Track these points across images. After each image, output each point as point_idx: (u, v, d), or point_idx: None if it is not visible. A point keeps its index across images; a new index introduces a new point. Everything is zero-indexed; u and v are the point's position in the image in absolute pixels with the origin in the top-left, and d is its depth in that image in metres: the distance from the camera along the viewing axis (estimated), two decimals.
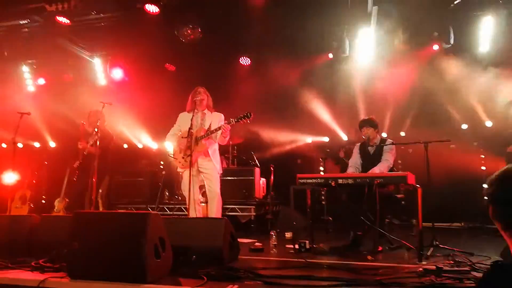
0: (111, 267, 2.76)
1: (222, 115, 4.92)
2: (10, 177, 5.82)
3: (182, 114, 4.98)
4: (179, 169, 4.86)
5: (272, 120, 8.09)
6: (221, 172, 4.88)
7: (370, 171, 4.57)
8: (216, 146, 4.89)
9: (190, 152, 4.50)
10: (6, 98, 8.14)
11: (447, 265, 3.45)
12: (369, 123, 4.94)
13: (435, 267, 3.29)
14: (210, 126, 4.75)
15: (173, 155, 4.91)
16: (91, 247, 2.83)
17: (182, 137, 4.75)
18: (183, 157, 4.65)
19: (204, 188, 4.93)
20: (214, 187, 4.69)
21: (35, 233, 3.80)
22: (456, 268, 3.31)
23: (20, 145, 8.89)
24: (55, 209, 6.11)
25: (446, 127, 7.37)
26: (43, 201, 7.78)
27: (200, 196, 5.26)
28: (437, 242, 4.27)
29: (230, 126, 4.55)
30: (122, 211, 5.53)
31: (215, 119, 4.82)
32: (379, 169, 4.60)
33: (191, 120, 4.60)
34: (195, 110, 4.75)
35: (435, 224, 4.75)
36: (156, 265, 2.81)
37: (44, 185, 8.16)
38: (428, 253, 3.98)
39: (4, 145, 8.73)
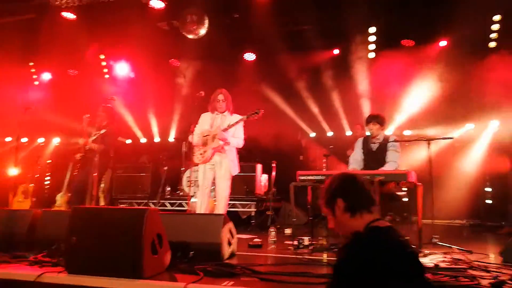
0: (109, 262, 2.78)
1: (241, 117, 4.95)
2: (13, 171, 5.87)
3: (204, 115, 5.07)
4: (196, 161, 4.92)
5: (276, 116, 8.08)
6: (236, 172, 4.89)
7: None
8: (233, 147, 4.91)
9: (207, 148, 4.68)
10: (12, 93, 8.19)
11: (445, 263, 3.45)
12: (376, 119, 4.89)
13: (433, 264, 3.30)
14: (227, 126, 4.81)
15: (193, 151, 4.96)
16: (89, 242, 2.85)
17: (203, 136, 4.84)
18: (200, 153, 4.74)
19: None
20: (223, 187, 4.72)
21: (35, 228, 3.84)
22: (453, 266, 3.31)
23: (24, 139, 9.01)
24: (56, 204, 6.17)
25: (451, 125, 7.32)
26: (46, 195, 7.85)
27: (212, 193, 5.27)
28: (436, 240, 4.24)
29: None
30: (121, 207, 5.57)
31: (233, 121, 4.86)
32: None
33: (211, 122, 4.80)
34: (216, 112, 4.85)
35: (436, 221, 4.74)
36: (153, 261, 2.83)
37: (47, 180, 8.22)
38: (427, 251, 3.96)
39: (8, 139, 8.82)
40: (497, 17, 6.61)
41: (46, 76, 8.90)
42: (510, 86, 6.22)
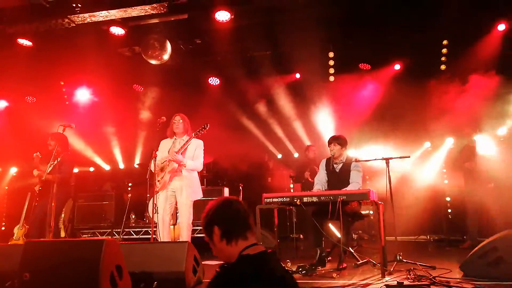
0: None
1: (201, 141, 4.92)
2: None
3: (163, 141, 5.04)
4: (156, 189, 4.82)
5: (242, 139, 8.13)
6: (197, 198, 4.82)
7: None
8: (193, 172, 4.85)
9: (163, 174, 4.66)
10: None
11: (408, 280, 3.52)
12: (337, 140, 5.00)
13: (396, 282, 3.35)
14: (186, 149, 4.76)
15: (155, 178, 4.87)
16: (44, 277, 2.71)
17: (161, 163, 4.79)
18: (158, 180, 4.69)
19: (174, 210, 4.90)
20: (185, 213, 4.65)
21: None
22: (417, 283, 3.38)
23: None
24: (14, 237, 5.84)
25: (411, 144, 7.60)
26: (3, 228, 7.43)
27: (170, 217, 5.16)
28: (400, 257, 4.33)
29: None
30: (79, 238, 5.35)
31: (193, 144, 4.82)
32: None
33: (170, 147, 4.76)
34: (174, 137, 4.86)
35: (401, 238, 4.85)
36: None
37: (4, 211, 7.80)
38: (392, 269, 4.03)
39: None
40: (445, 42, 7.01)
41: (2, 103, 8.56)
42: (458, 106, 6.58)
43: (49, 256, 2.78)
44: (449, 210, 7.41)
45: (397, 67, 7.55)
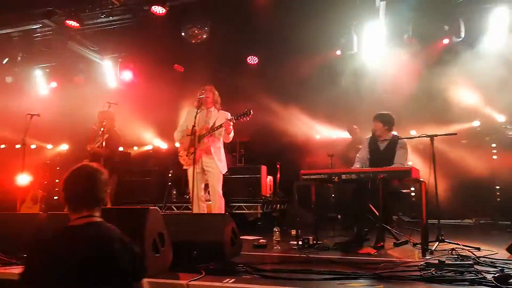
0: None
1: (229, 113, 4.89)
2: (23, 179, 5.95)
3: (189, 111, 5.00)
4: (184, 167, 4.91)
5: (280, 118, 8.10)
6: (226, 170, 4.88)
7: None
8: (220, 144, 4.89)
9: (194, 150, 4.53)
10: (20, 101, 8.33)
11: (450, 259, 3.41)
12: (379, 117, 4.79)
13: (437, 261, 3.25)
14: (214, 124, 4.77)
15: (178, 152, 4.95)
16: None
17: (187, 135, 4.78)
18: (187, 155, 4.68)
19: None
20: (215, 186, 4.71)
21: (41, 231, 3.87)
22: (459, 262, 3.27)
23: (33, 146, 9.14)
24: (65, 209, 6.22)
25: (457, 123, 7.25)
26: (55, 201, 7.93)
27: (207, 194, 5.28)
28: (443, 237, 4.18)
29: (232, 123, 4.56)
30: (123, 207, 5.58)
31: (221, 117, 4.82)
32: None
33: (195, 117, 4.62)
34: (201, 107, 4.77)
35: (444, 221, 4.67)
36: (155, 260, 2.85)
37: (56, 186, 8.32)
38: (433, 248, 3.91)
39: (17, 146, 8.97)
40: None
41: (53, 84, 9.02)
42: None
43: None
44: (498, 193, 7.04)
45: (446, 41, 7.14)
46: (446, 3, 6.46)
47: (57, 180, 8.29)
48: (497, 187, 7.07)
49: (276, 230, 4.47)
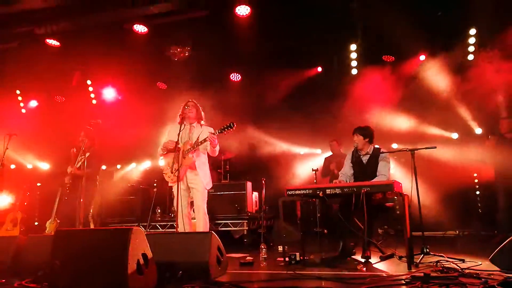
0: (93, 284, 2.73)
1: (212, 128, 4.89)
2: (2, 200, 5.78)
3: (172, 127, 4.99)
4: (169, 184, 4.86)
5: (264, 134, 8.14)
6: (210, 186, 4.85)
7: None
8: (205, 159, 4.86)
9: (178, 167, 4.50)
10: None
11: (436, 272, 3.43)
12: (360, 130, 4.87)
13: (423, 274, 3.27)
14: (197, 139, 4.75)
15: (163, 170, 4.90)
16: (73, 265, 2.81)
17: (170, 151, 4.75)
18: (171, 172, 4.64)
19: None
20: (200, 203, 4.67)
21: (21, 254, 3.77)
22: (444, 274, 3.30)
23: (12, 166, 8.92)
24: (46, 231, 6.05)
25: (437, 137, 7.43)
26: (36, 223, 7.72)
27: (192, 211, 5.22)
28: (428, 250, 4.22)
29: (216, 137, 4.55)
30: (105, 227, 5.48)
31: (204, 132, 4.81)
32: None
33: (178, 134, 4.61)
34: (184, 123, 4.77)
35: (428, 233, 4.72)
36: (139, 282, 2.79)
37: (37, 207, 8.11)
38: (418, 261, 3.94)
39: None
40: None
41: (33, 103, 8.89)
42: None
43: (79, 244, 2.88)
44: (480, 204, 7.18)
45: (422, 57, 7.37)
46: (423, 21, 6.66)
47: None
48: (479, 199, 7.21)
49: (262, 247, 4.44)
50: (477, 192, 7.21)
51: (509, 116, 6.08)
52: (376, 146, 5.01)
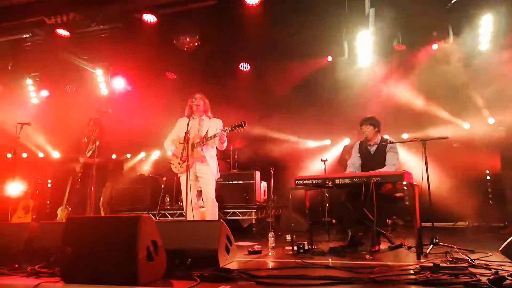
0: (104, 270, 2.78)
1: (221, 120, 4.93)
2: (14, 188, 5.88)
3: (181, 119, 5.03)
4: (178, 175, 4.90)
5: (273, 124, 8.12)
6: (218, 176, 4.88)
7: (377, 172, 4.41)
8: (214, 153, 4.90)
9: (186, 158, 4.53)
10: (11, 110, 8.26)
11: (445, 262, 3.42)
12: (369, 121, 4.88)
13: (432, 264, 3.26)
14: (207, 132, 4.78)
15: (170, 160, 4.94)
16: (84, 251, 2.85)
17: (179, 143, 4.78)
18: (179, 163, 4.68)
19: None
20: (208, 192, 4.71)
21: (33, 240, 3.84)
22: (453, 265, 3.28)
23: (24, 155, 9.05)
24: (58, 218, 6.16)
25: (449, 126, 7.33)
26: (47, 211, 7.85)
27: (201, 201, 5.26)
28: (437, 240, 4.19)
29: (225, 133, 4.57)
30: (116, 215, 5.56)
31: (213, 125, 4.84)
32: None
33: (188, 125, 4.62)
34: (193, 116, 4.79)
35: (438, 223, 4.69)
36: (148, 268, 2.82)
37: (48, 195, 8.23)
38: (427, 251, 3.92)
39: (9, 155, 8.89)
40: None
41: (44, 93, 8.97)
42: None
43: (90, 231, 2.92)
44: (490, 196, 7.10)
45: (435, 46, 7.24)
46: (435, 9, 6.54)
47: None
48: (489, 190, 7.13)
49: (271, 235, 4.46)
50: (488, 184, 7.12)
51: None
52: (386, 136, 4.99)
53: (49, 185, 8.23)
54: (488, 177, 7.15)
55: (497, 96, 6.71)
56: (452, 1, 6.46)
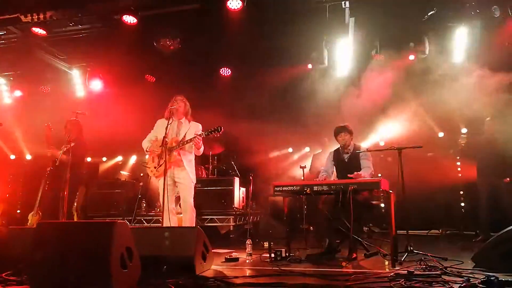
0: (75, 278, 2.68)
1: (200, 125, 4.88)
2: None
3: (160, 121, 4.95)
4: (153, 178, 4.82)
5: (253, 130, 8.11)
6: (195, 182, 4.83)
7: (354, 174, 4.46)
8: (192, 157, 4.84)
9: (163, 162, 4.46)
10: None
11: (419, 269, 3.47)
12: (345, 129, 4.95)
13: (406, 271, 3.31)
14: (184, 136, 4.72)
15: (146, 163, 4.86)
16: (55, 258, 2.75)
17: (158, 146, 4.70)
18: (155, 167, 4.61)
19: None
20: (186, 197, 4.64)
21: (1, 246, 3.69)
22: (427, 272, 3.34)
23: None
24: (29, 223, 5.95)
25: (423, 136, 7.48)
26: (18, 215, 7.57)
27: (178, 206, 5.19)
28: (411, 248, 4.27)
29: (201, 138, 4.53)
30: (89, 221, 5.41)
31: (192, 129, 4.78)
32: (363, 175, 4.54)
33: (166, 129, 4.56)
34: (171, 119, 4.72)
35: (412, 231, 4.77)
36: (122, 276, 2.75)
37: (19, 199, 7.95)
38: (402, 259, 3.98)
39: None
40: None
41: (17, 93, 8.70)
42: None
43: (61, 237, 2.82)
44: (462, 204, 7.29)
45: (411, 57, 7.41)
46: (412, 21, 6.71)
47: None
48: (462, 198, 7.32)
49: (248, 243, 4.43)
50: (461, 192, 7.31)
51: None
52: (357, 143, 5.09)
53: (19, 189, 7.93)
54: (461, 186, 7.33)
55: (470, 106, 6.90)
56: (429, 14, 6.64)
